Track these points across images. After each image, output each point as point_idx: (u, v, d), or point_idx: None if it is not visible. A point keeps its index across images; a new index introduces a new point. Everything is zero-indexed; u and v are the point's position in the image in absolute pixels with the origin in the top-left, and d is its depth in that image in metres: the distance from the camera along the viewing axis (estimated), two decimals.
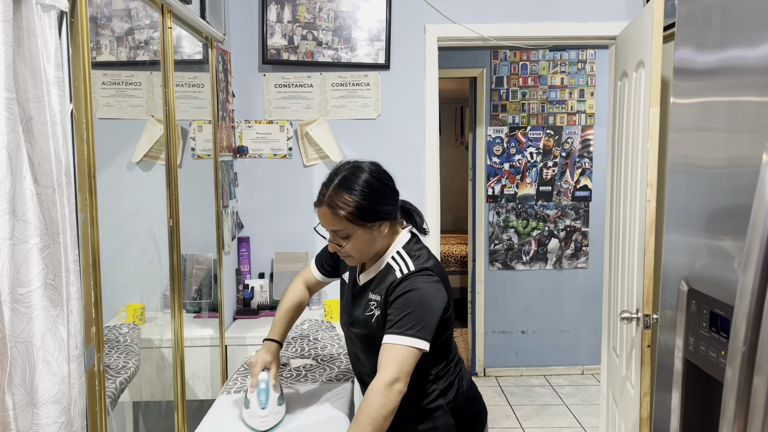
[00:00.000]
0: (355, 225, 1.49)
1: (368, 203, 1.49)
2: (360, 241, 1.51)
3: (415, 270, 1.51)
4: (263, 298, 3.07)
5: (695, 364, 1.02)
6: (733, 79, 0.96)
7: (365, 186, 1.49)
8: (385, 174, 1.57)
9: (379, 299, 1.55)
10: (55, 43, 1.17)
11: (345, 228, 1.49)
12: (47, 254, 1.14)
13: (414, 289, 1.48)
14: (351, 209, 1.47)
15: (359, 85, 3.08)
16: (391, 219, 1.56)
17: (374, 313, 1.56)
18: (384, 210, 1.53)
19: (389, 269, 1.55)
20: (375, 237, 1.53)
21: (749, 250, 0.81)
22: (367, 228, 1.50)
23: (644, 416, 2.17)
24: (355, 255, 1.55)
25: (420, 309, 1.45)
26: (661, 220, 2.07)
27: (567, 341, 4.64)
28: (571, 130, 4.50)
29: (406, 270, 1.51)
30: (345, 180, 1.50)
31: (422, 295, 1.47)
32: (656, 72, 2.11)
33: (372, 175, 1.52)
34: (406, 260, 1.54)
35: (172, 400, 2.09)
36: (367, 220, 1.49)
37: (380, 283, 1.56)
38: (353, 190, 1.48)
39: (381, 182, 1.53)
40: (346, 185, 1.49)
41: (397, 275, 1.52)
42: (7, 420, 1.05)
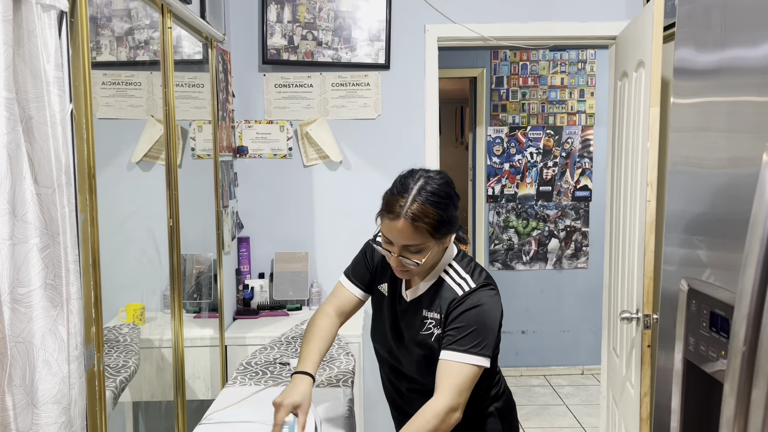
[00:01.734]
0: (434, 239, 1.41)
1: (448, 215, 1.42)
2: (432, 255, 1.44)
3: (477, 286, 1.46)
4: (263, 298, 3.07)
5: (695, 364, 1.02)
6: (733, 79, 0.96)
7: (446, 196, 1.42)
8: (452, 182, 1.50)
9: (438, 317, 1.48)
10: (55, 43, 1.17)
11: (423, 242, 1.40)
12: (47, 254, 1.14)
13: (478, 305, 1.43)
14: (435, 223, 1.39)
15: (359, 85, 3.08)
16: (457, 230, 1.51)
17: (433, 332, 1.49)
18: (456, 222, 1.47)
19: (442, 284, 1.50)
20: (441, 249, 1.48)
21: (749, 250, 0.81)
22: (440, 241, 1.44)
23: (644, 416, 2.17)
24: (420, 270, 1.46)
25: (484, 326, 1.42)
26: (661, 220, 2.07)
27: (567, 341, 4.64)
28: (571, 130, 4.50)
29: (467, 287, 1.46)
30: (423, 190, 1.40)
31: (486, 311, 1.43)
32: (656, 72, 2.11)
33: (448, 185, 1.46)
34: (464, 275, 1.49)
35: (172, 400, 2.09)
36: (445, 233, 1.44)
37: (435, 300, 1.50)
38: (439, 203, 1.40)
39: (454, 191, 1.47)
40: (427, 196, 1.39)
41: (457, 292, 1.46)
42: (7, 420, 1.05)
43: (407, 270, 1.45)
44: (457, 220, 1.47)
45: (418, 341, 1.51)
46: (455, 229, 1.48)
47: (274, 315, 3.01)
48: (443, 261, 1.52)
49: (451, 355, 1.40)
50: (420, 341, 1.51)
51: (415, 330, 1.52)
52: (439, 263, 1.51)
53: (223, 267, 2.69)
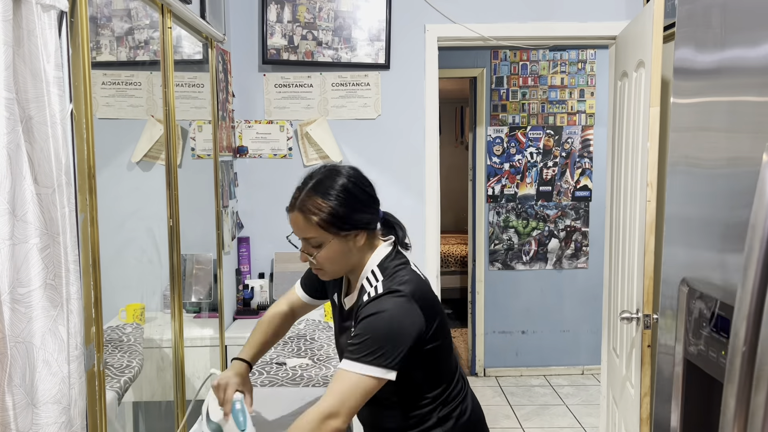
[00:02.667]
0: (328, 233, 1.37)
1: (344, 209, 1.37)
2: (333, 251, 1.39)
3: (383, 292, 1.37)
4: (263, 298, 3.07)
5: (695, 364, 1.02)
6: (733, 79, 0.96)
7: (341, 191, 1.38)
8: (364, 180, 1.44)
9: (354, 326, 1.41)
10: (55, 43, 1.17)
11: (317, 236, 1.38)
12: (47, 254, 1.14)
13: (378, 312, 1.33)
14: (324, 215, 1.36)
15: (359, 85, 3.08)
16: (369, 229, 1.44)
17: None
18: (361, 218, 1.40)
19: (363, 291, 1.42)
20: (350, 248, 1.41)
21: (749, 250, 0.81)
22: (341, 237, 1.38)
23: (644, 416, 2.17)
24: (328, 268, 1.43)
25: (383, 334, 1.31)
26: (661, 220, 2.07)
27: (567, 341, 4.64)
28: (571, 130, 4.50)
29: (374, 292, 1.38)
30: (319, 183, 1.39)
31: (387, 318, 1.33)
32: (656, 72, 2.11)
33: (350, 180, 1.40)
34: (378, 280, 1.40)
35: (172, 400, 2.09)
36: (341, 228, 1.38)
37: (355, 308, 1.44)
38: (328, 195, 1.37)
39: (359, 188, 1.41)
40: (321, 189, 1.38)
41: (364, 298, 1.39)
42: (7, 420, 1.05)
43: (321, 269, 1.43)
44: (362, 218, 1.40)
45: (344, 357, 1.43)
46: (362, 227, 1.41)
47: None
48: (367, 266, 1.44)
49: (342, 363, 1.33)
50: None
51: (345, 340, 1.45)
52: (366, 265, 1.45)
53: (223, 267, 2.69)
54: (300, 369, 2.07)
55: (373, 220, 1.45)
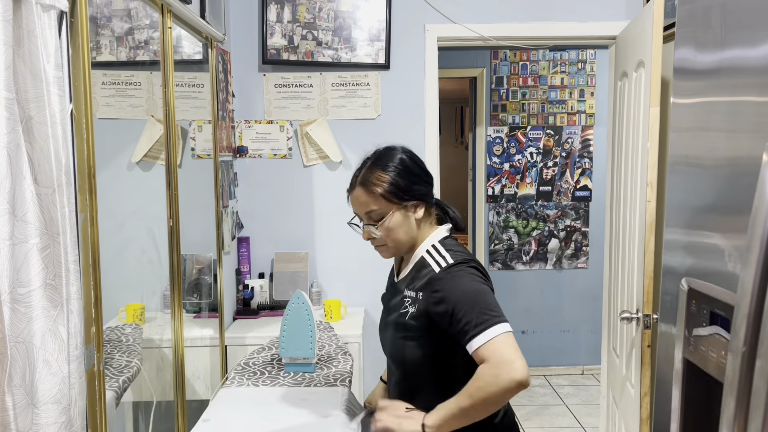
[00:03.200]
0: (391, 203, 1.45)
1: (403, 180, 1.46)
2: (395, 222, 1.45)
3: (456, 261, 1.42)
4: (263, 298, 3.07)
5: (695, 364, 1.02)
6: (733, 79, 0.96)
7: (400, 163, 1.47)
8: (417, 156, 1.54)
9: (414, 296, 1.45)
10: (55, 43, 1.17)
11: (380, 207, 1.45)
12: (47, 254, 1.14)
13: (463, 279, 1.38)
14: (386, 185, 1.44)
15: (359, 85, 3.08)
16: (427, 201, 1.51)
17: (408, 311, 1.45)
18: (419, 189, 1.48)
19: (423, 263, 1.47)
20: (410, 220, 1.48)
21: (749, 250, 0.81)
22: (402, 207, 1.46)
23: (644, 416, 2.17)
24: (390, 242, 1.48)
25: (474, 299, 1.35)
26: (661, 220, 2.07)
27: (567, 341, 4.64)
28: (571, 130, 4.50)
29: (444, 263, 1.42)
30: (378, 159, 1.49)
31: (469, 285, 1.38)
32: (656, 72, 2.11)
33: (405, 155, 1.50)
34: (443, 254, 1.45)
35: (172, 400, 2.09)
36: (402, 198, 1.45)
37: (415, 278, 1.47)
38: (388, 167, 1.46)
39: (414, 162, 1.51)
40: (380, 164, 1.47)
41: (434, 269, 1.42)
42: (7, 420, 1.05)
43: (383, 245, 1.49)
44: (419, 189, 1.48)
45: (394, 320, 1.49)
46: (421, 197, 1.48)
47: (274, 315, 3.01)
48: (428, 241, 1.50)
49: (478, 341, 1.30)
50: (395, 320, 1.49)
51: (396, 310, 1.50)
52: (423, 243, 1.50)
53: (223, 267, 2.69)
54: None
55: (429, 192, 1.52)
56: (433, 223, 1.54)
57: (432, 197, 1.54)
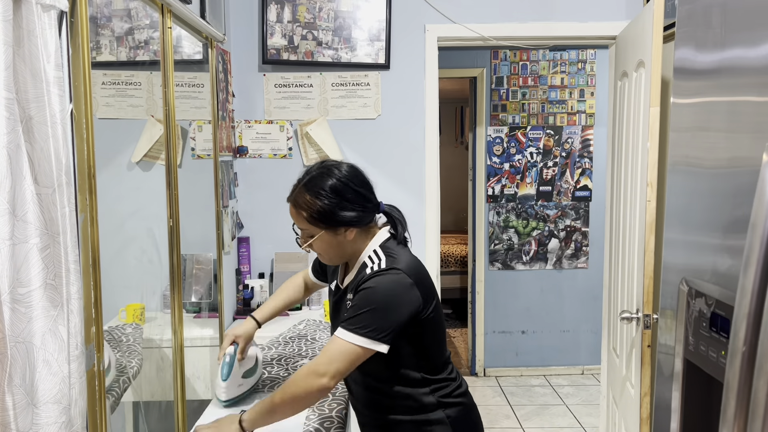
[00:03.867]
0: (317, 227, 1.48)
1: (330, 208, 1.46)
2: (323, 242, 1.50)
3: (386, 267, 1.46)
4: (263, 298, 3.07)
5: (695, 364, 1.02)
6: (733, 79, 0.96)
7: (330, 190, 1.47)
8: (357, 179, 1.52)
9: (352, 297, 1.50)
10: (55, 43, 1.17)
11: (307, 228, 1.50)
12: (47, 254, 1.14)
13: (376, 287, 1.43)
14: (312, 212, 1.47)
15: (359, 85, 3.08)
16: (360, 226, 1.52)
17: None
18: (347, 216, 1.48)
19: (364, 267, 1.51)
20: (341, 241, 1.51)
21: (749, 250, 0.81)
22: (331, 231, 1.49)
23: (644, 416, 2.17)
24: (324, 255, 1.55)
25: (378, 308, 1.40)
26: (661, 220, 2.07)
27: (567, 341, 4.64)
28: (571, 130, 4.50)
29: (377, 267, 1.47)
30: (311, 181, 1.49)
31: (384, 293, 1.42)
32: (656, 72, 2.11)
33: (340, 180, 1.48)
34: (381, 258, 1.49)
35: (172, 400, 2.09)
36: (328, 224, 1.47)
37: (356, 282, 1.52)
38: (318, 193, 1.47)
39: (350, 188, 1.49)
40: (311, 186, 1.48)
41: (366, 272, 1.48)
42: (7, 420, 1.05)
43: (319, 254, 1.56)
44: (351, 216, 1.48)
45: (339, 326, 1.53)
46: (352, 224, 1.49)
47: None
48: (369, 246, 1.53)
49: (337, 331, 1.42)
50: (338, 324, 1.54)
51: (341, 314, 1.55)
52: (365, 249, 1.54)
53: (223, 267, 2.69)
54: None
55: (363, 217, 1.52)
56: (373, 231, 1.57)
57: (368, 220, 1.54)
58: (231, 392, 1.72)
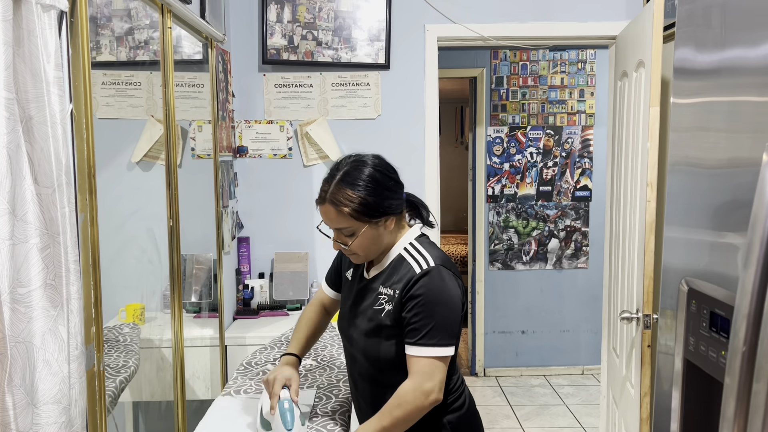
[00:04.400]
0: (360, 222, 1.43)
1: (373, 198, 1.43)
2: (366, 238, 1.45)
3: (436, 264, 1.43)
4: (263, 298, 3.07)
5: (695, 364, 1.02)
6: (733, 79, 0.96)
7: (369, 180, 1.43)
8: (388, 166, 1.51)
9: (392, 293, 1.46)
10: (55, 43, 1.17)
11: (350, 225, 1.44)
12: (47, 254, 1.14)
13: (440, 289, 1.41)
14: (355, 205, 1.41)
15: (359, 85, 3.08)
16: (397, 213, 1.50)
17: (384, 308, 1.48)
18: (390, 204, 1.46)
19: (402, 261, 1.48)
20: (381, 233, 1.47)
21: (749, 250, 0.81)
22: (373, 224, 1.44)
23: (644, 416, 2.17)
24: (361, 253, 1.49)
25: (446, 313, 1.41)
26: (661, 220, 2.07)
27: (567, 341, 4.64)
28: (571, 130, 4.50)
29: (425, 264, 1.44)
30: (347, 175, 1.44)
31: (449, 295, 1.42)
32: (656, 72, 2.11)
33: (375, 169, 1.46)
34: (423, 253, 1.47)
35: (172, 400, 2.09)
36: (372, 216, 1.43)
37: (392, 276, 1.48)
38: (357, 186, 1.42)
39: (385, 175, 1.47)
40: (349, 180, 1.43)
41: (416, 270, 1.44)
42: (7, 420, 1.05)
43: (354, 254, 1.49)
44: (390, 204, 1.46)
45: (369, 316, 1.51)
46: (391, 212, 1.47)
47: (274, 315, 3.01)
48: (403, 240, 1.52)
49: (419, 350, 1.40)
50: (370, 316, 1.50)
51: (369, 305, 1.52)
52: (398, 242, 1.52)
53: (223, 267, 2.69)
54: (303, 369, 2.06)
55: (400, 204, 1.51)
56: (404, 224, 1.56)
57: (402, 206, 1.53)
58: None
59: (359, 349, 1.56)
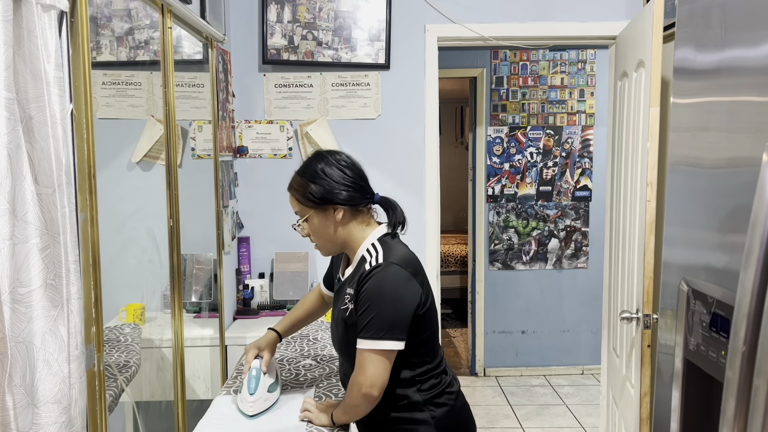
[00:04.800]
0: (306, 207, 1.57)
1: (318, 186, 1.55)
2: (314, 223, 1.58)
3: (384, 262, 1.50)
4: (263, 298, 3.07)
5: (695, 364, 1.02)
6: (733, 79, 0.96)
7: (320, 170, 1.57)
8: (345, 163, 1.60)
9: (352, 292, 1.55)
10: (55, 43, 1.17)
11: (299, 209, 1.59)
12: (47, 254, 1.14)
13: (378, 286, 1.48)
14: (302, 190, 1.57)
15: (359, 85, 3.08)
16: (349, 205, 1.57)
17: (348, 307, 1.56)
18: (336, 195, 1.55)
19: (363, 261, 1.56)
20: (331, 222, 1.57)
21: (749, 250, 0.81)
22: (320, 211, 1.56)
23: (644, 416, 2.17)
24: (317, 241, 1.62)
25: (388, 307, 1.47)
26: (661, 220, 2.07)
27: (567, 341, 4.64)
28: (571, 130, 4.50)
29: (375, 262, 1.52)
30: (304, 166, 1.61)
31: (390, 290, 1.48)
32: (656, 72, 2.11)
33: (328, 163, 1.59)
34: (378, 252, 1.54)
35: (172, 400, 2.09)
36: (316, 203, 1.55)
37: (354, 276, 1.57)
38: (306, 173, 1.58)
39: (337, 169, 1.58)
40: (302, 170, 1.60)
41: (366, 267, 1.52)
42: (7, 420, 1.05)
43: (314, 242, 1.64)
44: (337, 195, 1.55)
45: (341, 316, 1.59)
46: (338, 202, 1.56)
47: (274, 315, 3.01)
48: (368, 240, 1.59)
49: (362, 343, 1.49)
50: (342, 316, 1.59)
51: (339, 306, 1.62)
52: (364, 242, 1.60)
53: (223, 267, 2.69)
54: (303, 369, 2.06)
55: (353, 198, 1.58)
56: (370, 223, 1.63)
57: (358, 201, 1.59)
58: (258, 406, 1.69)
59: (339, 348, 1.69)
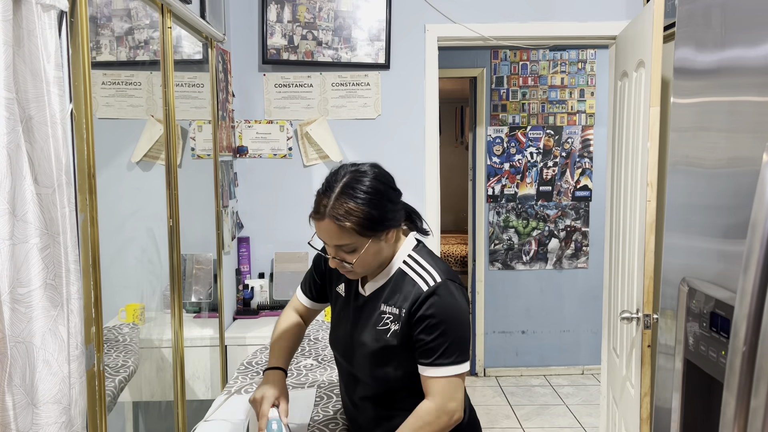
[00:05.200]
0: (364, 237, 1.32)
1: (377, 211, 1.32)
2: (368, 254, 1.35)
3: (442, 281, 1.37)
4: (263, 298, 3.07)
5: (695, 364, 1.02)
6: (733, 79, 0.96)
7: (372, 192, 1.33)
8: (388, 175, 1.42)
9: (397, 312, 1.38)
10: (55, 43, 1.17)
11: (353, 242, 1.33)
12: (47, 254, 1.14)
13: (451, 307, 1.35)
14: (359, 220, 1.30)
15: (359, 85, 3.08)
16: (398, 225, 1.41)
17: (390, 328, 1.39)
18: (393, 216, 1.37)
19: (403, 276, 1.41)
20: (382, 247, 1.38)
21: (749, 250, 0.81)
22: (376, 238, 1.35)
23: (644, 416, 2.17)
24: (360, 270, 1.38)
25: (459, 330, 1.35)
26: (661, 220, 2.07)
27: (567, 341, 4.64)
28: (571, 130, 4.50)
29: (432, 281, 1.37)
30: (348, 187, 1.32)
31: (461, 311, 1.37)
32: (656, 72, 2.11)
33: (377, 179, 1.36)
34: (427, 268, 1.40)
35: (172, 400, 2.09)
36: (376, 230, 1.33)
37: (395, 294, 1.41)
38: (358, 198, 1.31)
39: (386, 185, 1.38)
40: (351, 193, 1.31)
41: (422, 287, 1.37)
42: (7, 420, 1.05)
43: (352, 271, 1.39)
44: (394, 215, 1.37)
45: (374, 336, 1.41)
46: (394, 224, 1.38)
47: (274, 315, 3.01)
48: (401, 252, 1.43)
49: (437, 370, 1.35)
50: (376, 336, 1.41)
51: (371, 325, 1.42)
52: (396, 255, 1.43)
53: (223, 267, 2.69)
54: (304, 369, 2.07)
55: (401, 214, 1.43)
56: (401, 234, 1.46)
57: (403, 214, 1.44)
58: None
59: (364, 371, 1.46)
